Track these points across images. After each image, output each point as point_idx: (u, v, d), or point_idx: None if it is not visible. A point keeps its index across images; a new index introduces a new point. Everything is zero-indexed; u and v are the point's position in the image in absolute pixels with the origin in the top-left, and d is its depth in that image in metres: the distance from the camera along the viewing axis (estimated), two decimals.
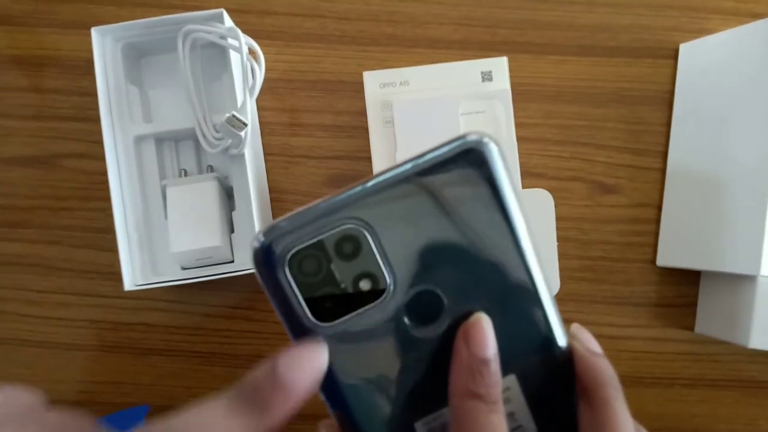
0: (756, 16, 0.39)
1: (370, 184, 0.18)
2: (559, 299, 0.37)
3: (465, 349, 0.19)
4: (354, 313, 0.19)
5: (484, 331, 0.19)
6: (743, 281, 0.34)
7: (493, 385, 0.19)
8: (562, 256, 0.38)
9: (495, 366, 0.19)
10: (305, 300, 0.18)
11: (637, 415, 0.41)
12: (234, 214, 0.37)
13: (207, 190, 0.36)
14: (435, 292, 0.19)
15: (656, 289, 0.39)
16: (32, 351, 0.39)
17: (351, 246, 0.18)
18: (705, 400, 0.39)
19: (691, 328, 0.39)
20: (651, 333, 0.39)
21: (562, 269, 0.37)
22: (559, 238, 0.37)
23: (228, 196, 0.37)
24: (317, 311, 0.18)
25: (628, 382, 0.39)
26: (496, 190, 0.19)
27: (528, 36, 0.39)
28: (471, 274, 0.19)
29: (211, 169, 0.38)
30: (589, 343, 0.21)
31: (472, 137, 0.18)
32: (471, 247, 0.19)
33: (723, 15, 0.39)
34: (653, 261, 0.39)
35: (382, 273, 0.19)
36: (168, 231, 0.35)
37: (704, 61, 0.37)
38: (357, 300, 0.19)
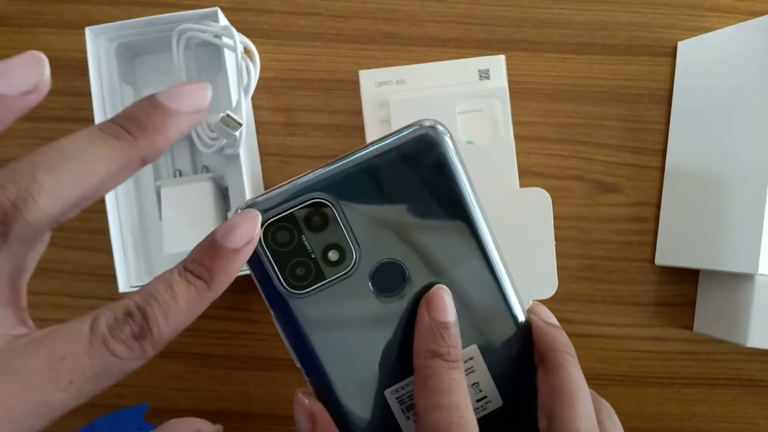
0: (753, 13, 0.38)
1: (337, 164, 0.20)
2: (558, 299, 0.37)
3: (426, 315, 0.20)
4: (324, 282, 0.20)
5: (444, 299, 0.20)
6: (741, 280, 0.34)
7: (454, 345, 0.20)
8: (561, 255, 0.37)
9: (455, 330, 0.20)
10: (279, 268, 0.20)
11: (637, 414, 0.41)
12: (229, 214, 0.37)
13: (202, 191, 0.35)
14: (398, 264, 0.21)
15: (655, 288, 0.39)
16: None
17: (319, 219, 0.20)
18: (704, 399, 0.39)
19: (691, 327, 0.39)
20: (650, 332, 0.39)
21: (561, 269, 0.36)
22: (558, 238, 0.37)
23: (223, 196, 0.37)
24: (290, 279, 0.20)
25: (628, 381, 0.39)
26: (447, 171, 0.20)
27: (525, 34, 0.39)
28: (430, 248, 0.21)
29: (206, 169, 0.38)
30: (546, 316, 0.23)
31: (426, 123, 0.20)
32: (427, 223, 0.21)
33: (720, 13, 0.39)
34: (652, 260, 0.39)
35: (349, 245, 0.20)
36: (163, 232, 0.35)
37: (703, 59, 0.37)
38: (327, 270, 0.20)
